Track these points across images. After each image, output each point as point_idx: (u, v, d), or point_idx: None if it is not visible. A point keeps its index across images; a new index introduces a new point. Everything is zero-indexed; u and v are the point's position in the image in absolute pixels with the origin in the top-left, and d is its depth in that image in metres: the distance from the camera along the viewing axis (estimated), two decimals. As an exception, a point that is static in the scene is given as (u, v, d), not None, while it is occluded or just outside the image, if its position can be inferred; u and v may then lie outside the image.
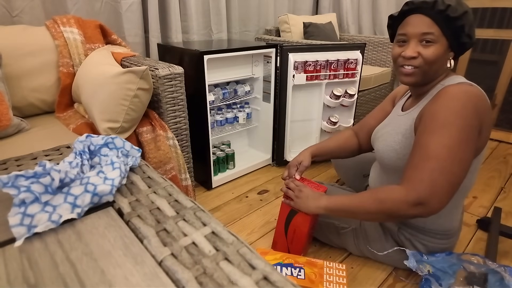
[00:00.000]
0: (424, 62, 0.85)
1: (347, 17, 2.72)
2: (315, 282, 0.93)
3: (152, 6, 1.69)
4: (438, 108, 0.82)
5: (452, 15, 0.79)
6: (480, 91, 0.83)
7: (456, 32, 0.82)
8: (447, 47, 0.84)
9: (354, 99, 1.74)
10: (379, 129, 1.06)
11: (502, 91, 2.24)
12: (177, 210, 0.51)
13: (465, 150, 0.79)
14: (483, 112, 0.81)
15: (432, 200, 0.78)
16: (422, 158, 0.80)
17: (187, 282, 0.38)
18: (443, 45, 0.83)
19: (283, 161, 1.83)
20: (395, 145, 0.94)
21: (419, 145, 0.83)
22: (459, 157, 0.78)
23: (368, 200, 0.86)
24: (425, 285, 0.93)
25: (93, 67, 1.20)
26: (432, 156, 0.78)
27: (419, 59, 0.85)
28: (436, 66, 0.86)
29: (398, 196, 0.80)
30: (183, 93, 1.24)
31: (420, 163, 0.80)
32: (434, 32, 0.82)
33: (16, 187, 0.48)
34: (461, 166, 0.79)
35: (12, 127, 1.10)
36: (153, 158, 1.13)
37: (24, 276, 0.40)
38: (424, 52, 0.84)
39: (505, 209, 1.44)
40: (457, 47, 0.86)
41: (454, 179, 0.79)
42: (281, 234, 1.13)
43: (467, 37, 0.83)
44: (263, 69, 1.73)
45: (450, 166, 0.78)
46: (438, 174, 0.77)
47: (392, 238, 1.06)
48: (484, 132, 0.84)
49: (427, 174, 0.78)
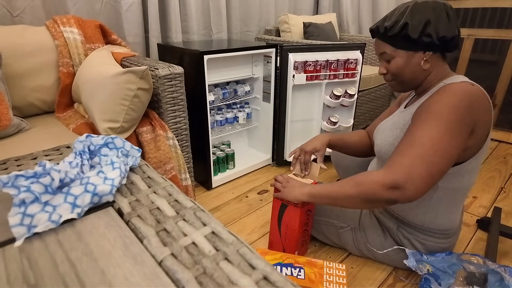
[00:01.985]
0: (393, 75, 0.95)
1: (347, 17, 2.72)
2: (315, 282, 0.94)
3: (152, 6, 1.69)
4: (433, 101, 0.84)
5: (390, 34, 0.89)
6: (480, 91, 0.84)
7: (405, 41, 0.88)
8: (406, 55, 0.90)
9: (354, 99, 1.74)
10: (381, 125, 1.09)
11: (502, 91, 2.24)
12: (177, 210, 0.51)
13: (449, 143, 0.80)
14: (479, 111, 0.83)
15: (407, 185, 0.78)
16: (407, 145, 0.83)
17: (187, 282, 0.38)
18: (402, 56, 0.91)
19: (283, 161, 1.84)
20: (392, 139, 0.96)
21: (408, 133, 0.86)
22: (442, 149, 0.80)
23: (347, 184, 0.88)
24: (425, 284, 0.93)
25: (93, 67, 1.20)
26: (416, 144, 0.81)
27: (389, 74, 0.96)
28: (408, 73, 0.92)
29: (376, 178, 0.82)
30: (183, 93, 1.24)
31: (403, 149, 0.83)
32: (386, 50, 0.92)
33: (16, 187, 0.48)
34: (443, 158, 0.80)
35: (12, 127, 1.10)
36: (153, 158, 1.13)
37: (24, 276, 0.40)
38: (389, 67, 0.94)
39: (505, 209, 1.44)
40: (424, 48, 0.88)
41: (433, 169, 0.79)
42: (275, 231, 1.14)
43: (426, 37, 0.85)
44: (263, 69, 1.73)
45: (432, 156, 0.79)
46: (418, 161, 0.79)
47: (391, 237, 1.06)
48: (479, 131, 0.85)
49: (407, 159, 0.80)
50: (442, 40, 0.86)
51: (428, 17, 0.85)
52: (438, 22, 0.85)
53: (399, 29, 0.87)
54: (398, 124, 0.97)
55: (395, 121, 1.00)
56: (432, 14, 0.85)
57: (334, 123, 1.75)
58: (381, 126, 1.08)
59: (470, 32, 2.30)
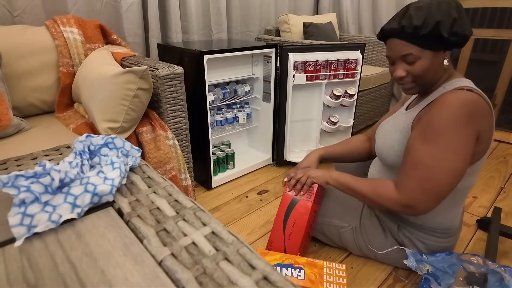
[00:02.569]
0: (415, 77, 0.88)
1: (347, 17, 2.72)
2: (315, 283, 0.93)
3: (152, 6, 1.69)
4: (432, 116, 0.84)
5: (422, 33, 0.82)
6: (477, 97, 0.83)
7: (435, 41, 0.83)
8: (432, 55, 0.85)
9: (354, 99, 1.74)
10: (382, 126, 1.08)
11: (502, 91, 2.24)
12: (177, 210, 0.51)
13: (453, 159, 0.82)
14: (479, 119, 0.82)
15: (419, 205, 0.87)
16: (411, 165, 0.87)
17: (187, 282, 0.38)
18: (428, 57, 0.85)
19: (283, 161, 1.83)
20: (392, 142, 0.96)
21: (410, 151, 0.88)
22: (446, 166, 0.83)
23: (368, 189, 0.96)
24: (425, 284, 0.93)
25: (93, 67, 1.20)
26: (420, 165, 0.85)
27: (409, 77, 0.89)
28: (431, 73, 0.88)
29: (392, 196, 0.90)
30: (183, 93, 1.24)
31: (410, 170, 0.87)
32: (413, 52, 0.85)
33: (16, 187, 0.48)
34: (449, 174, 0.83)
35: (12, 127, 1.10)
36: (153, 158, 1.13)
37: (24, 276, 0.40)
38: (411, 69, 0.87)
39: (505, 209, 1.44)
40: (447, 47, 0.86)
41: (441, 187, 0.85)
42: (279, 229, 1.13)
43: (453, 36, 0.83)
44: (263, 69, 1.73)
45: (436, 175, 0.83)
46: (425, 183, 0.85)
47: (392, 237, 1.06)
48: (484, 137, 0.85)
49: (415, 182, 0.86)
50: (464, 39, 0.84)
51: (454, 15, 0.82)
52: (461, 20, 0.82)
53: (431, 28, 0.81)
54: (398, 126, 0.97)
55: (395, 122, 1.00)
56: (455, 12, 0.82)
57: (334, 123, 1.75)
58: (382, 126, 1.08)
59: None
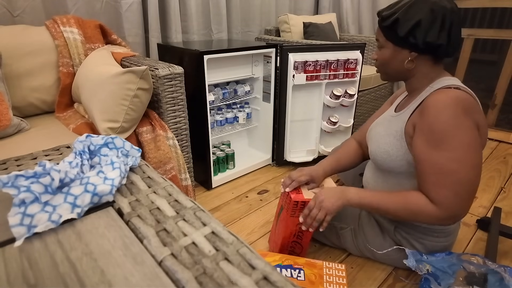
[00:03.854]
0: (380, 64, 0.98)
1: (347, 17, 2.72)
2: (315, 283, 0.93)
3: (152, 6, 1.69)
4: (431, 120, 0.83)
5: (384, 25, 0.91)
6: (465, 94, 0.83)
7: (395, 36, 0.89)
8: (393, 49, 0.92)
9: (354, 99, 1.74)
10: (372, 128, 1.08)
11: (502, 91, 2.24)
12: (177, 210, 0.51)
13: (472, 155, 0.82)
14: (473, 112, 0.83)
15: (460, 211, 0.86)
16: (436, 175, 0.84)
17: (187, 282, 0.38)
18: (390, 49, 0.93)
19: (283, 161, 1.83)
20: (386, 147, 0.96)
21: (425, 161, 0.86)
22: (471, 164, 0.82)
23: (399, 207, 0.90)
24: (425, 284, 0.93)
25: (93, 67, 1.20)
26: (445, 172, 0.83)
27: (377, 62, 0.99)
28: (392, 67, 0.95)
29: (432, 213, 0.86)
30: (183, 93, 1.24)
31: (439, 181, 0.84)
32: (379, 39, 0.95)
33: (16, 187, 0.48)
34: (475, 170, 0.84)
35: (12, 127, 1.10)
36: (153, 158, 1.13)
37: (24, 276, 0.40)
38: (379, 55, 0.97)
39: (505, 209, 1.44)
40: (411, 48, 0.88)
41: (473, 186, 0.85)
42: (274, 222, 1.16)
43: (412, 38, 0.86)
44: (263, 69, 1.73)
45: (466, 176, 0.82)
46: (457, 186, 0.83)
47: (389, 238, 1.06)
48: (481, 129, 0.86)
49: (447, 190, 0.83)
50: (427, 45, 0.85)
51: (420, 17, 0.83)
52: (429, 26, 0.83)
53: (391, 23, 0.88)
54: (390, 131, 0.97)
55: (386, 127, 1.00)
56: (427, 16, 0.83)
57: (334, 123, 1.75)
58: (372, 129, 1.07)
59: (470, 32, 2.30)
